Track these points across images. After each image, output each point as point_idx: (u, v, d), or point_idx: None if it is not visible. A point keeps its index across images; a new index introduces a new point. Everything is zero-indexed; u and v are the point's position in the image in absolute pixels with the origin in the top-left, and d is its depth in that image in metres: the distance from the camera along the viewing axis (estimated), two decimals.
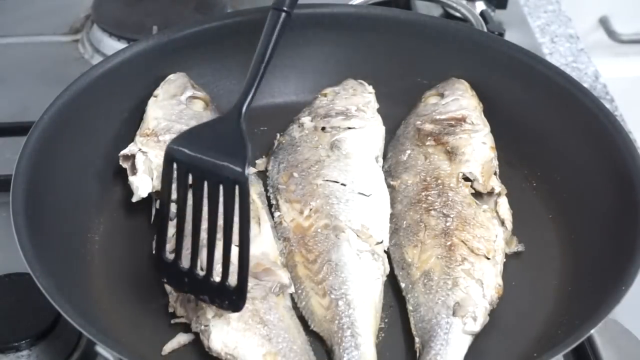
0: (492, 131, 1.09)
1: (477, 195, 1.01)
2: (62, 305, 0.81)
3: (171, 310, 0.91)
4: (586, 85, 1.34)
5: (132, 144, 1.03)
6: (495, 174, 1.04)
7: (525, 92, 1.13)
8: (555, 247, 1.02)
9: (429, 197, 1.00)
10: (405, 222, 0.99)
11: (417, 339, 0.89)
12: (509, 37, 1.39)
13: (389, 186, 1.05)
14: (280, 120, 1.15)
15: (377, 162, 1.07)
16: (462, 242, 0.95)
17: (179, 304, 0.90)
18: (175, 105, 1.08)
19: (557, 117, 1.10)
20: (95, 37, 1.43)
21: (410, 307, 0.92)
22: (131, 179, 1.01)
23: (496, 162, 1.06)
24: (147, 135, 1.03)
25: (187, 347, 0.89)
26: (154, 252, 0.88)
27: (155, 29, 1.32)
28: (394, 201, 1.03)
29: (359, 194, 1.01)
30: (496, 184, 1.03)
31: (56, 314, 0.89)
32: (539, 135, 1.11)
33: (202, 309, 0.86)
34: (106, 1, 1.47)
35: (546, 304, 0.95)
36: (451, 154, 1.05)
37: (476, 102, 1.13)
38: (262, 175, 1.07)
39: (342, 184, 1.01)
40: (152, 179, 1.00)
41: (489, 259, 0.94)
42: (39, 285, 0.82)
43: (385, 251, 0.97)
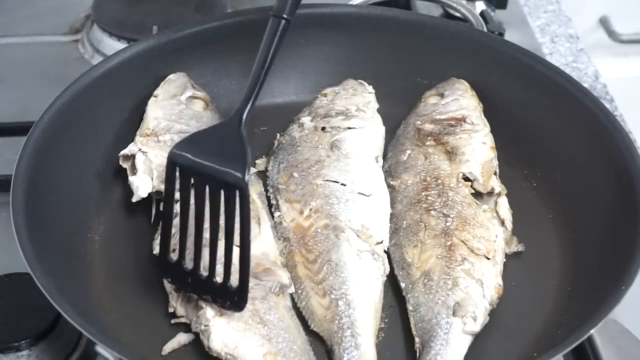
0: (492, 131, 1.09)
1: (477, 195, 1.01)
2: (62, 305, 0.81)
3: (171, 310, 0.91)
4: (586, 85, 1.34)
5: (132, 144, 1.03)
6: (495, 174, 1.04)
7: (525, 92, 1.13)
8: (555, 247, 1.02)
9: (429, 197, 1.00)
10: (405, 222, 0.99)
11: (417, 339, 0.89)
12: (509, 37, 1.39)
13: (389, 186, 1.04)
14: (280, 120, 1.15)
15: (377, 162, 1.07)
16: (462, 242, 0.95)
17: (179, 304, 0.90)
18: (175, 105, 1.08)
19: (557, 117, 1.10)
20: (95, 37, 1.42)
21: (410, 307, 0.92)
22: (131, 179, 1.01)
23: (496, 162, 1.06)
24: (147, 135, 1.03)
25: (187, 347, 0.89)
26: (158, 253, 0.89)
27: (155, 29, 1.32)
28: (394, 201, 1.03)
29: (359, 194, 1.01)
30: (496, 184, 1.02)
31: (56, 314, 0.89)
32: (539, 135, 1.11)
33: (202, 309, 0.86)
34: (106, 1, 1.47)
35: (546, 304, 0.95)
36: (451, 154, 1.04)
37: (476, 102, 1.12)
38: (262, 175, 1.07)
39: (342, 184, 1.01)
40: (152, 179, 1.00)
41: (489, 259, 0.94)
42: (39, 285, 0.82)
43: (385, 251, 0.97)
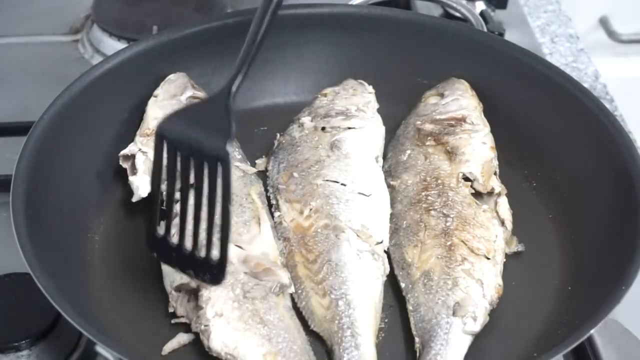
0: (492, 131, 1.09)
1: (477, 195, 1.01)
2: (62, 305, 0.81)
3: (171, 310, 0.91)
4: (586, 85, 1.33)
5: (132, 144, 1.03)
6: (495, 174, 1.04)
7: (525, 92, 1.13)
8: (555, 247, 1.02)
9: (429, 197, 1.00)
10: (405, 222, 0.99)
11: (417, 339, 0.89)
12: (509, 37, 1.39)
13: (389, 186, 1.04)
14: (280, 120, 1.15)
15: (377, 162, 1.07)
16: (462, 242, 0.95)
17: (179, 304, 0.90)
18: (175, 105, 1.08)
19: (557, 117, 1.09)
20: (95, 37, 1.42)
21: (410, 307, 0.92)
22: (131, 179, 1.01)
23: (496, 162, 1.06)
24: (147, 135, 1.03)
25: (187, 347, 0.89)
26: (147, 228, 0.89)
27: (155, 29, 1.32)
28: (394, 201, 1.03)
29: (359, 194, 1.01)
30: (496, 184, 1.02)
31: (56, 314, 0.89)
32: (539, 135, 1.11)
33: (202, 309, 0.86)
34: (106, 1, 1.47)
35: (546, 304, 0.95)
36: (451, 154, 1.04)
37: (476, 102, 1.12)
38: (262, 175, 1.07)
39: (342, 184, 1.01)
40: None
41: (489, 259, 0.94)
42: (39, 285, 0.82)
43: (385, 251, 0.97)
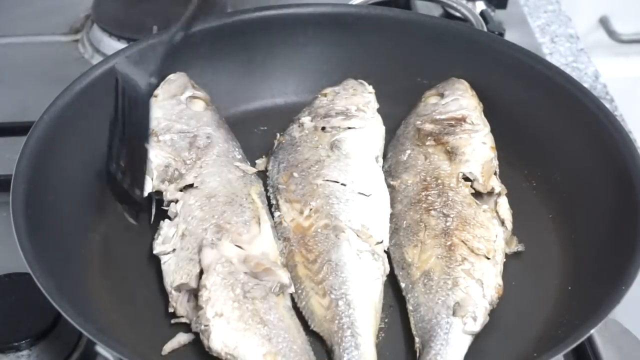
0: (492, 131, 1.09)
1: (477, 195, 1.01)
2: (62, 305, 0.81)
3: (171, 310, 0.91)
4: (586, 85, 1.33)
5: None
6: (495, 174, 1.04)
7: (525, 92, 1.13)
8: (555, 247, 1.02)
9: (429, 197, 1.00)
10: (405, 222, 0.99)
11: (417, 339, 0.89)
12: (509, 37, 1.39)
13: (389, 186, 1.04)
14: (280, 120, 1.15)
15: (377, 162, 1.07)
16: (462, 242, 0.95)
17: (179, 304, 0.90)
18: (175, 105, 1.08)
19: (557, 117, 1.10)
20: (95, 37, 1.43)
21: (410, 307, 0.92)
22: None
23: (496, 162, 1.06)
24: None
25: (187, 347, 0.89)
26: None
27: (155, 29, 1.32)
28: (394, 201, 1.03)
29: (359, 194, 1.01)
30: (496, 184, 1.02)
31: (56, 314, 0.89)
32: (539, 135, 1.11)
33: (202, 309, 0.86)
34: (106, 1, 1.47)
35: (546, 304, 0.95)
36: (451, 154, 1.04)
37: (476, 102, 1.12)
38: (262, 175, 1.07)
39: (342, 184, 1.01)
40: (152, 179, 1.00)
41: (489, 259, 0.94)
42: (39, 285, 0.82)
43: (385, 251, 0.97)
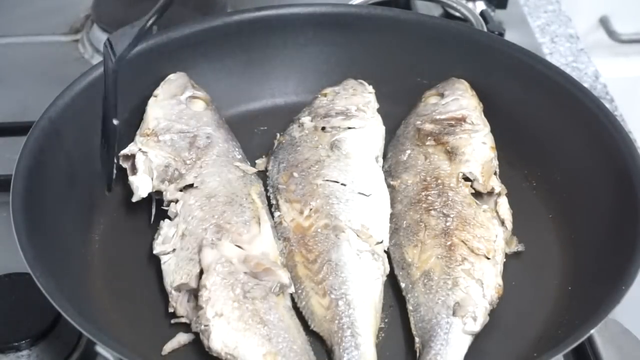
0: (492, 131, 1.09)
1: (477, 195, 1.01)
2: (62, 305, 0.81)
3: (171, 310, 0.91)
4: (586, 85, 1.33)
5: (132, 144, 1.03)
6: (495, 173, 1.04)
7: (525, 92, 1.13)
8: (555, 247, 1.02)
9: (429, 197, 1.00)
10: (405, 222, 0.99)
11: (417, 339, 0.89)
12: (509, 37, 1.39)
13: (389, 186, 1.04)
14: (280, 120, 1.15)
15: (377, 162, 1.07)
16: (462, 242, 0.95)
17: (179, 304, 0.90)
18: (175, 105, 1.08)
19: (557, 117, 1.09)
20: (95, 37, 1.43)
21: (410, 307, 0.92)
22: (131, 178, 1.01)
23: (496, 162, 1.06)
24: (147, 135, 1.03)
25: (187, 347, 0.89)
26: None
27: (155, 29, 1.32)
28: (394, 201, 1.03)
29: (359, 194, 1.01)
30: (496, 184, 1.02)
31: (56, 314, 0.89)
32: (539, 135, 1.11)
33: (202, 309, 0.86)
34: (106, 1, 1.47)
35: (546, 304, 0.95)
36: (451, 154, 1.04)
37: (476, 102, 1.12)
38: (262, 175, 1.07)
39: (342, 184, 1.01)
40: (152, 179, 1.00)
41: (489, 259, 0.94)
42: (39, 285, 0.82)
43: (385, 251, 0.97)
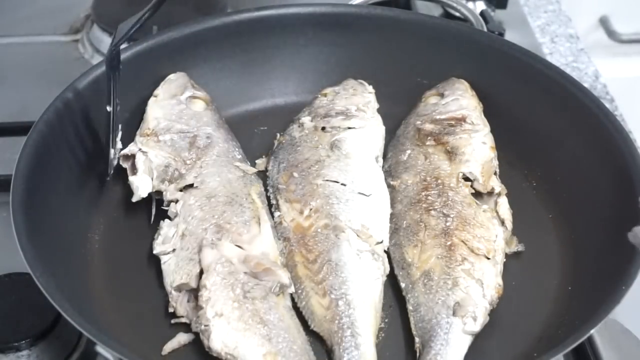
0: (492, 131, 1.09)
1: (477, 195, 1.01)
2: (62, 305, 0.81)
3: (171, 310, 0.91)
4: (586, 85, 1.33)
5: (132, 144, 1.03)
6: (495, 173, 1.04)
7: (525, 92, 1.13)
8: (555, 247, 1.02)
9: (429, 197, 1.00)
10: (405, 222, 0.99)
11: (417, 339, 0.89)
12: (509, 37, 1.39)
13: (389, 186, 1.04)
14: (280, 120, 1.15)
15: (377, 162, 1.07)
16: (462, 242, 0.95)
17: (179, 304, 0.90)
18: (175, 105, 1.08)
19: (557, 117, 1.09)
20: (95, 37, 1.43)
21: (410, 307, 0.92)
22: (131, 179, 1.01)
23: (496, 162, 1.06)
24: (147, 135, 1.03)
25: (187, 347, 0.89)
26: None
27: (155, 29, 1.32)
28: (394, 201, 1.03)
29: (359, 194, 1.01)
30: (496, 184, 1.02)
31: (56, 314, 0.89)
32: (539, 135, 1.11)
33: (202, 309, 0.86)
34: (106, 1, 1.47)
35: (546, 304, 0.95)
36: (451, 154, 1.04)
37: (476, 102, 1.12)
38: (262, 175, 1.07)
39: (342, 184, 1.01)
40: (152, 179, 1.00)
41: (489, 258, 0.94)
42: (39, 285, 0.82)
43: (385, 251, 0.97)
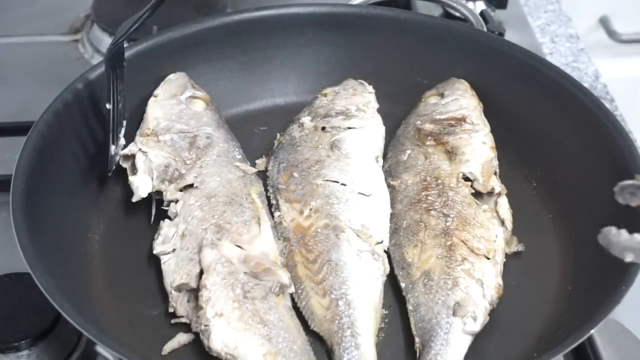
0: (492, 131, 1.09)
1: (477, 195, 1.01)
2: (62, 305, 0.81)
3: (171, 310, 0.91)
4: (586, 85, 1.33)
5: (132, 144, 1.03)
6: (495, 173, 1.04)
7: (525, 92, 1.13)
8: (555, 247, 1.02)
9: (429, 197, 1.00)
10: (405, 222, 0.99)
11: (417, 339, 0.89)
12: (509, 37, 1.39)
13: (389, 186, 1.04)
14: (280, 120, 1.15)
15: (377, 162, 1.07)
16: (462, 242, 0.95)
17: (179, 304, 0.90)
18: (175, 105, 1.08)
19: (557, 117, 1.09)
20: (95, 37, 1.43)
21: (410, 307, 0.92)
22: (131, 179, 1.01)
23: (496, 162, 1.06)
24: (147, 135, 1.03)
25: (187, 347, 0.89)
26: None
27: (155, 29, 1.32)
28: (394, 201, 1.03)
29: (359, 194, 1.01)
30: (496, 184, 1.02)
31: (56, 314, 0.89)
32: (539, 135, 1.11)
33: (202, 309, 0.86)
34: (106, 1, 1.47)
35: (546, 304, 0.95)
36: (451, 154, 1.04)
37: (476, 102, 1.12)
38: (262, 175, 1.07)
39: (342, 184, 1.01)
40: (152, 179, 1.00)
41: (489, 258, 0.94)
42: (39, 285, 0.82)
43: (385, 251, 0.97)
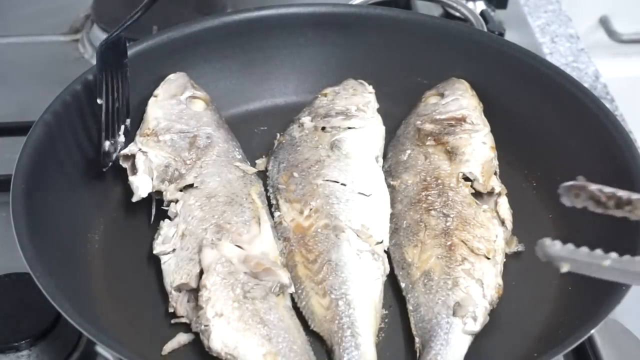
0: (492, 131, 1.09)
1: (477, 195, 1.01)
2: (62, 305, 0.81)
3: (171, 310, 0.91)
4: (586, 85, 1.33)
5: (132, 144, 1.03)
6: (495, 173, 1.04)
7: (525, 92, 1.13)
8: None
9: (429, 197, 1.00)
10: (405, 222, 0.99)
11: (417, 339, 0.89)
12: (509, 37, 1.39)
13: (389, 186, 1.04)
14: (280, 120, 1.15)
15: (377, 162, 1.07)
16: (462, 242, 0.95)
17: (179, 304, 0.90)
18: (175, 105, 1.08)
19: (557, 117, 1.09)
20: (95, 37, 1.43)
21: (410, 307, 0.92)
22: (131, 179, 1.01)
23: (496, 162, 1.06)
24: (147, 135, 1.03)
25: (187, 347, 0.89)
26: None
27: (155, 29, 1.32)
28: (394, 201, 1.03)
29: (359, 193, 1.01)
30: (496, 184, 1.02)
31: (56, 314, 0.89)
32: (539, 135, 1.11)
33: (202, 309, 0.86)
34: (106, 1, 1.47)
35: (546, 304, 0.95)
36: (451, 154, 1.04)
37: (476, 102, 1.12)
38: (262, 175, 1.07)
39: (342, 184, 1.01)
40: (152, 179, 1.00)
41: (489, 258, 0.94)
42: (39, 285, 0.82)
43: (385, 251, 0.97)
